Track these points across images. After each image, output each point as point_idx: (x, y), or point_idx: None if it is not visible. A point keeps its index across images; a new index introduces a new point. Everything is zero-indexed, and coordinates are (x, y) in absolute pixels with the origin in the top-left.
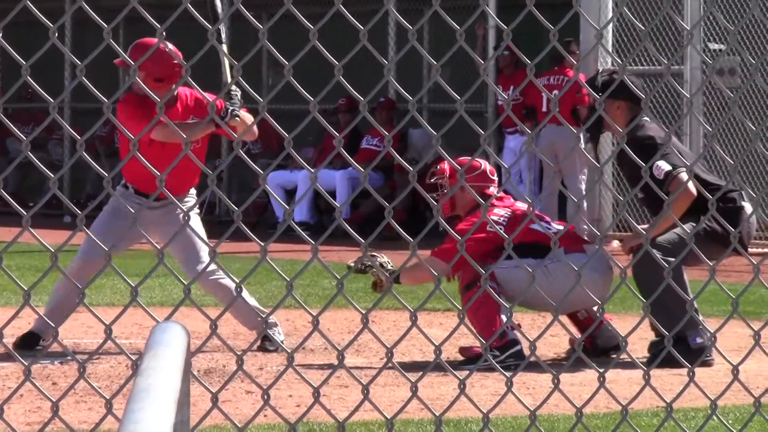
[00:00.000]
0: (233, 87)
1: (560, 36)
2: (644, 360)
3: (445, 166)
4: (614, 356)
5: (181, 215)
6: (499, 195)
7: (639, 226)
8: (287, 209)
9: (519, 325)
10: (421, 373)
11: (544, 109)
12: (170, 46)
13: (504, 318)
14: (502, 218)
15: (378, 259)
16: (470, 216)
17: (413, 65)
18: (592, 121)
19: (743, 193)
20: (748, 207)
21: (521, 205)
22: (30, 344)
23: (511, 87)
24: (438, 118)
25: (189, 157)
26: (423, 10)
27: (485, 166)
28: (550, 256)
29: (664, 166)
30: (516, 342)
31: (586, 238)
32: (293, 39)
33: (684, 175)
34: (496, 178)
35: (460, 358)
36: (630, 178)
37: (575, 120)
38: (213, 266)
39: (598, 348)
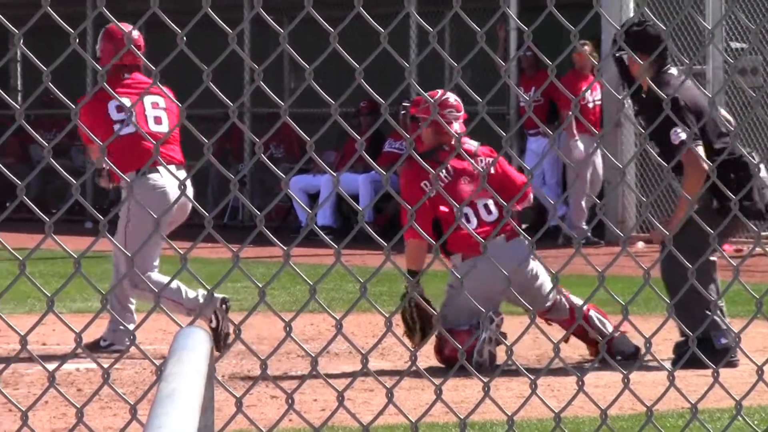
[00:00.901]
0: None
1: (580, 37)
2: (669, 361)
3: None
4: (637, 358)
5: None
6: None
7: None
8: (310, 213)
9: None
10: (446, 376)
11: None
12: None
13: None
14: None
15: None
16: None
17: (435, 68)
18: (623, 72)
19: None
20: (765, 175)
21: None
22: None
23: (533, 88)
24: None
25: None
26: (444, 12)
27: (453, 101)
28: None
29: (681, 133)
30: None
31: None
32: (314, 42)
33: (699, 149)
34: (461, 113)
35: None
36: (651, 133)
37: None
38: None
39: (615, 353)
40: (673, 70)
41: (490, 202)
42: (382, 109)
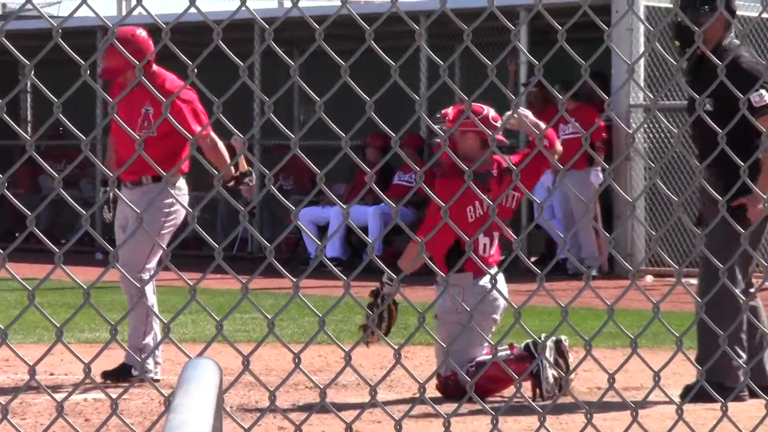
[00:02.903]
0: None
1: (591, 71)
2: (677, 396)
3: (449, 110)
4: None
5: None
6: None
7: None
8: (319, 245)
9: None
10: (455, 407)
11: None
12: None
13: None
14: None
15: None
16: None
17: (445, 101)
18: (683, 33)
19: None
20: None
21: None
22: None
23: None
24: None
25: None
26: (454, 46)
27: (488, 111)
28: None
29: (766, 95)
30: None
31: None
32: (325, 75)
33: None
34: (499, 124)
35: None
36: (717, 102)
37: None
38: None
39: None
40: (736, 40)
41: (496, 235)
42: (392, 142)
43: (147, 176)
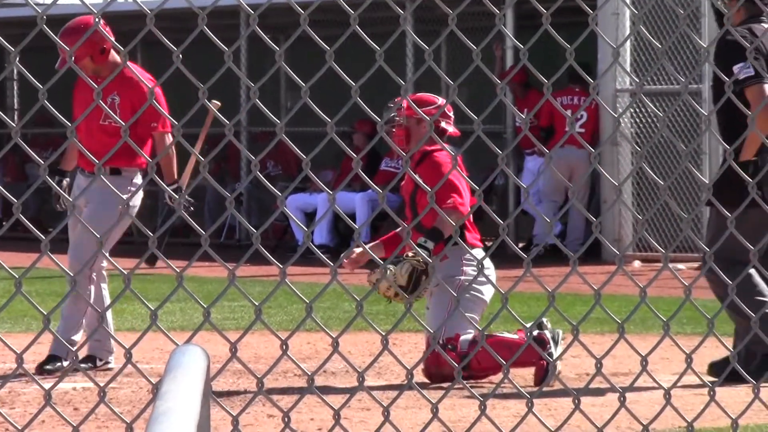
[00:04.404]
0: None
1: (577, 55)
2: (669, 380)
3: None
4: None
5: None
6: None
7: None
8: (306, 232)
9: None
10: (442, 394)
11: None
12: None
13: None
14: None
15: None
16: (436, 162)
17: (431, 86)
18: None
19: None
20: None
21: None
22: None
23: (525, 110)
24: (456, 139)
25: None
26: (440, 31)
27: (442, 102)
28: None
29: (748, 70)
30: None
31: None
32: (310, 61)
33: (766, 88)
34: (452, 115)
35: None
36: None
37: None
38: (100, 267)
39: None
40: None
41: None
42: (378, 128)
43: (105, 167)
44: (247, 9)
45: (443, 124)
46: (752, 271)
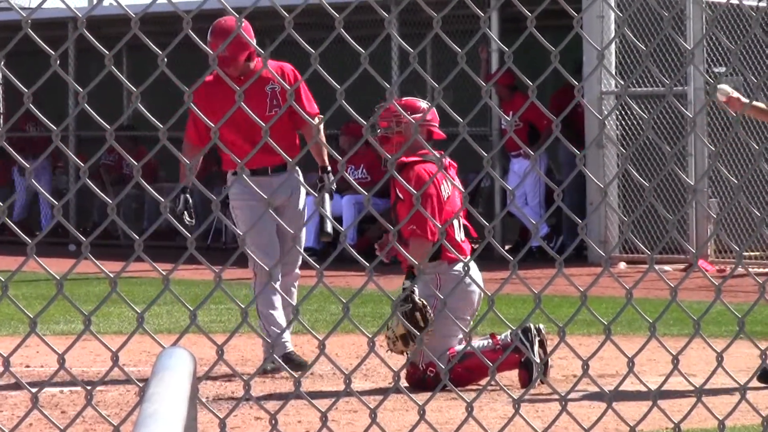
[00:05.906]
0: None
1: (561, 58)
2: (655, 381)
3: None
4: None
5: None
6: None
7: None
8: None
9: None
10: (429, 396)
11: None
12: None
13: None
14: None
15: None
16: (417, 169)
17: (417, 90)
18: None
19: None
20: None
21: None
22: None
23: (510, 112)
24: (442, 142)
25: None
26: (425, 34)
27: (426, 106)
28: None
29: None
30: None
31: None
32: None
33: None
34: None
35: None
36: None
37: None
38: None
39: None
40: None
41: (461, 220)
42: (363, 130)
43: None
44: (232, 12)
45: (432, 127)
46: None
